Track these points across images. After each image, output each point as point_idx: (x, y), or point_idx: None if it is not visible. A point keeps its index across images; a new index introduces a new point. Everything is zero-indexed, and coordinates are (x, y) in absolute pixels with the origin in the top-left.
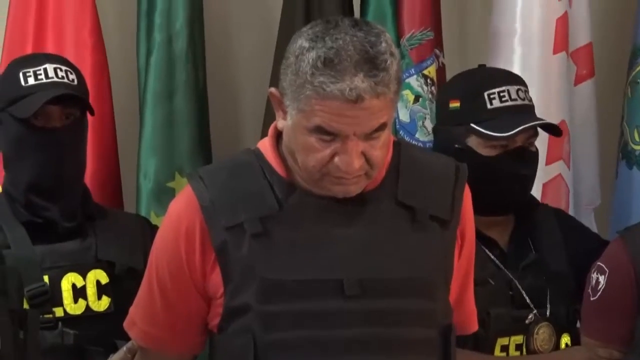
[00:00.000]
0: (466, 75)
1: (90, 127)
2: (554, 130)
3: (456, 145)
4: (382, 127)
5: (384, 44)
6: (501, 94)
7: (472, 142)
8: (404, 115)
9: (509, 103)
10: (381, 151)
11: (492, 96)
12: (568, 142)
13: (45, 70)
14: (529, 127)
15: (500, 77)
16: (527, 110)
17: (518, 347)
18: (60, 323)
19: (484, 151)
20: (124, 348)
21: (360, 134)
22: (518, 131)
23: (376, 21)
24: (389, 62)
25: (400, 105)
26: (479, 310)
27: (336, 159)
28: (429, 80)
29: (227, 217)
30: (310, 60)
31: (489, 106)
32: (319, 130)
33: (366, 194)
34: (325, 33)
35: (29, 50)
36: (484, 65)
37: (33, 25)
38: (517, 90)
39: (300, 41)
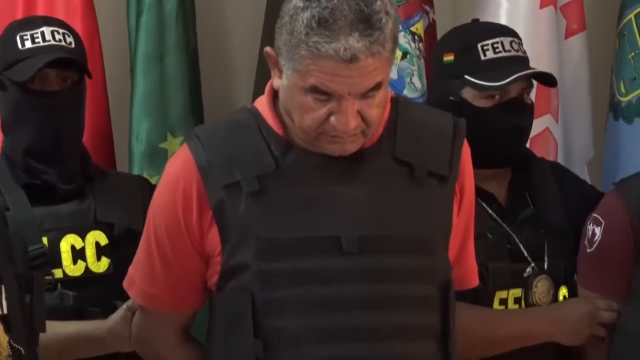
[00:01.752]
0: (460, 29)
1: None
2: (548, 80)
3: (451, 98)
4: (377, 87)
5: (378, 3)
6: (494, 46)
7: (467, 94)
8: (393, 73)
9: (503, 54)
10: (377, 110)
11: (485, 48)
12: (557, 96)
13: (42, 33)
14: (523, 77)
15: (493, 29)
16: (520, 61)
17: (517, 300)
18: (59, 285)
19: (479, 103)
20: (124, 306)
21: (356, 94)
22: (512, 80)
23: None
24: (384, 20)
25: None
26: (477, 264)
27: (332, 119)
28: (416, 37)
29: (224, 176)
30: (305, 20)
31: (482, 58)
32: (315, 90)
33: (363, 151)
34: None
35: (19, 15)
36: (477, 20)
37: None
38: (511, 42)
39: (295, 1)
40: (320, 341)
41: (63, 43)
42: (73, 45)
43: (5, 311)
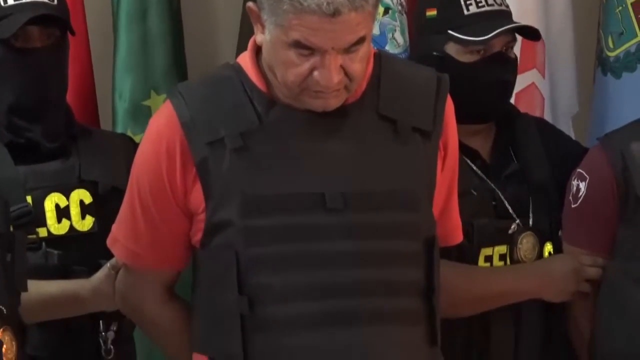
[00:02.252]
0: None
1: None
2: (532, 34)
3: (434, 53)
4: (360, 41)
5: None
6: (477, 0)
7: (451, 49)
8: (375, 29)
9: (486, 8)
10: (360, 65)
11: (468, 2)
12: (543, 51)
13: None
14: (507, 31)
15: None
16: (504, 15)
17: (502, 257)
18: (44, 243)
19: (463, 57)
20: (108, 265)
21: (339, 48)
22: (496, 34)
23: None
24: None
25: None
26: (462, 221)
27: (315, 73)
28: None
29: (207, 132)
30: None
31: (465, 12)
32: (297, 45)
33: (347, 107)
34: None
35: None
36: None
37: None
38: None
39: None
40: (304, 297)
41: (45, 0)
42: (55, 1)
43: None
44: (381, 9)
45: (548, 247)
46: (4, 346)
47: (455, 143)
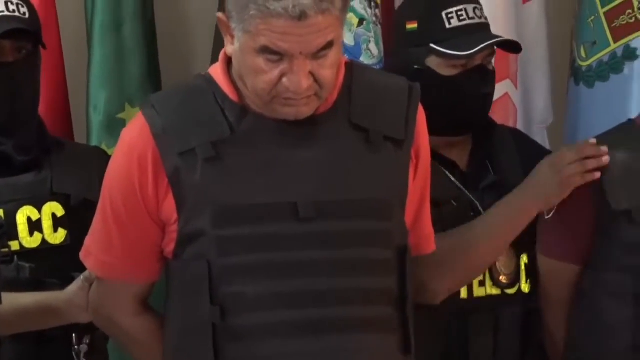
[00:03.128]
0: (415, 1)
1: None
2: (513, 47)
3: (415, 67)
4: (329, 46)
5: None
6: (459, 13)
7: (432, 62)
8: (348, 39)
9: (467, 22)
10: (330, 71)
11: (450, 15)
12: (516, 61)
13: None
14: (488, 45)
15: None
16: (484, 29)
17: None
18: (15, 257)
19: (445, 71)
20: (81, 277)
21: (307, 53)
22: (480, 49)
23: None
24: None
25: (345, 29)
26: (442, 230)
27: (284, 80)
28: (372, 3)
29: (179, 143)
30: None
31: (447, 26)
32: (266, 50)
33: (319, 116)
34: None
35: None
36: None
37: None
38: (474, 9)
39: None
40: (277, 306)
41: (17, 14)
42: (27, 15)
43: None
44: (356, 20)
45: (524, 259)
46: None
47: (427, 151)
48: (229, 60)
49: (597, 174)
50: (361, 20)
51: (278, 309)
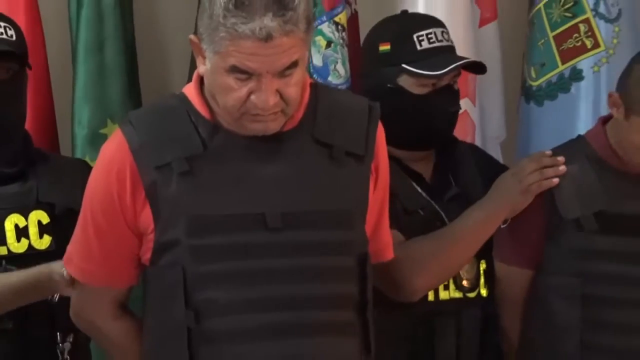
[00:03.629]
0: (393, 20)
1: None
2: (478, 68)
3: (388, 85)
4: (293, 65)
5: None
6: (429, 36)
7: (404, 81)
8: (317, 60)
9: (437, 44)
10: (295, 89)
11: (420, 38)
12: (473, 80)
13: None
14: (458, 66)
15: (426, 20)
16: (451, 51)
17: None
18: (4, 261)
19: (416, 90)
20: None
21: (274, 72)
22: (450, 69)
23: None
24: (296, 1)
25: (313, 50)
26: (411, 236)
27: (252, 97)
28: (339, 27)
29: (155, 157)
30: (222, 3)
31: (418, 47)
32: (235, 69)
33: (285, 133)
34: None
35: None
36: (407, 11)
37: None
38: (442, 32)
39: None
40: (247, 311)
41: (4, 36)
42: (14, 37)
43: None
44: (324, 42)
45: (483, 265)
46: None
47: (386, 166)
48: (201, 80)
49: (556, 180)
50: (329, 43)
51: (248, 314)
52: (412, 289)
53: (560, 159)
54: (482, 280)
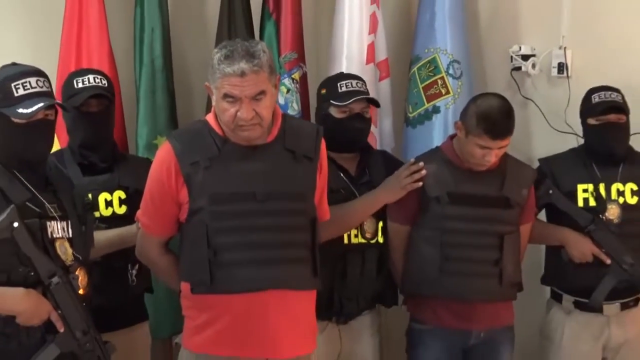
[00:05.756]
0: (330, 77)
1: None
2: (375, 102)
3: (323, 113)
4: (262, 93)
5: (259, 46)
6: (347, 84)
7: (332, 110)
8: (281, 100)
9: (351, 88)
10: (266, 110)
11: (341, 85)
12: (376, 113)
13: (88, 78)
14: (360, 100)
15: (348, 75)
16: (361, 93)
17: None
18: (97, 221)
19: (338, 115)
20: (135, 226)
21: (249, 96)
22: (352, 101)
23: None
24: (261, 55)
25: (279, 95)
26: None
27: (238, 113)
28: (294, 81)
29: (189, 158)
30: (217, 58)
31: (339, 90)
32: (226, 96)
33: (267, 144)
34: (226, 44)
35: (72, 68)
36: (342, 72)
37: (74, 58)
38: (356, 82)
39: (215, 50)
40: (243, 250)
41: (100, 84)
42: (106, 85)
43: (70, 235)
44: (285, 90)
45: (380, 223)
46: (80, 278)
47: (326, 164)
48: (215, 111)
49: (420, 183)
50: (288, 90)
51: (244, 251)
52: (327, 235)
53: (421, 164)
54: (380, 232)
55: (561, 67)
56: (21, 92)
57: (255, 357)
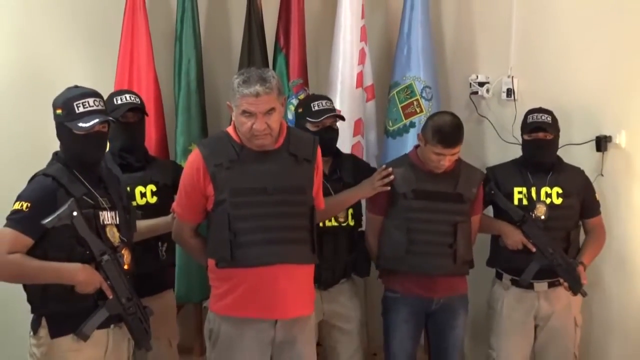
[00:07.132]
0: (301, 100)
1: (153, 122)
2: (341, 117)
3: (301, 128)
4: (272, 110)
5: (270, 73)
6: (319, 104)
7: (308, 125)
8: (290, 116)
9: (322, 107)
10: (275, 123)
11: (314, 105)
12: (362, 127)
13: (125, 96)
14: (332, 116)
15: (320, 97)
16: (332, 110)
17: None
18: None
19: (313, 129)
20: (169, 217)
21: (262, 112)
22: (324, 118)
23: (278, 73)
24: (272, 79)
25: (288, 112)
26: None
27: (253, 126)
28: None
29: (214, 161)
30: (237, 82)
31: (313, 109)
32: (244, 112)
33: (275, 149)
34: (244, 71)
35: (112, 87)
36: (314, 94)
37: (127, 82)
38: (326, 102)
39: (235, 76)
40: (256, 232)
41: (134, 100)
42: (139, 102)
43: (118, 222)
44: (292, 108)
45: (350, 211)
46: (125, 256)
47: (321, 165)
48: (234, 125)
49: (388, 187)
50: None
51: (258, 234)
52: (320, 219)
53: (390, 170)
54: (349, 217)
55: (509, 92)
56: (81, 109)
57: (266, 317)
